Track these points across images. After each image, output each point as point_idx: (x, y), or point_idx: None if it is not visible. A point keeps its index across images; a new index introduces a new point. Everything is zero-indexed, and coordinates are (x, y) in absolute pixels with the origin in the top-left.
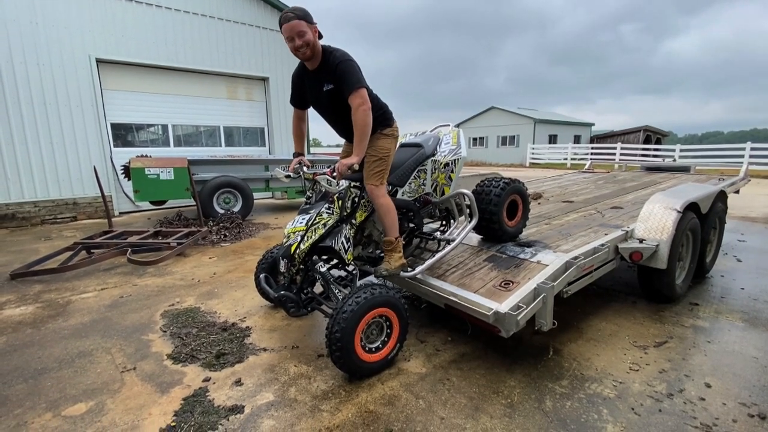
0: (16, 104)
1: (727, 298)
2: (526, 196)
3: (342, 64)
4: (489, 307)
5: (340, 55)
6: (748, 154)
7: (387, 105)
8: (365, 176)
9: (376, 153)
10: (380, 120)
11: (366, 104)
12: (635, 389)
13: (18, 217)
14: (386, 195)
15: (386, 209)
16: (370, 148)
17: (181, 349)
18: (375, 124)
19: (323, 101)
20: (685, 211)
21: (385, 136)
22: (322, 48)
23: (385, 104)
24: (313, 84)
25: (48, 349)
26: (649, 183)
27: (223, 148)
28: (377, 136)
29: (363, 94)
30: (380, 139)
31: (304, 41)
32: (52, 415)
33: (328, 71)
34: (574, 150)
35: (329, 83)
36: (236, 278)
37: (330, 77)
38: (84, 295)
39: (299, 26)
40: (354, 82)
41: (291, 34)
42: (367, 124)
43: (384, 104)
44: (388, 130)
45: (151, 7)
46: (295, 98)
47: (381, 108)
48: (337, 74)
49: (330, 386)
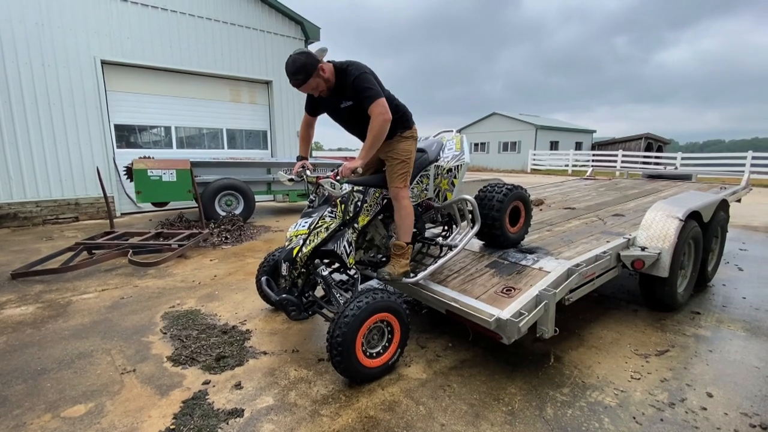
0: (21, 104)
1: (728, 307)
2: (529, 202)
3: (357, 80)
4: (491, 314)
5: (354, 70)
6: (750, 163)
7: (406, 106)
8: (389, 179)
9: (398, 156)
10: (399, 123)
11: (387, 114)
12: (637, 398)
13: (20, 216)
14: (409, 198)
15: (407, 212)
16: (392, 152)
17: (181, 352)
18: (394, 127)
19: (343, 116)
20: (688, 219)
21: (405, 138)
22: (333, 68)
23: (404, 106)
24: (330, 102)
25: (48, 349)
26: (651, 191)
27: (225, 150)
28: (397, 139)
29: (383, 104)
30: (401, 142)
31: (320, 90)
32: (51, 417)
33: (344, 89)
34: (576, 157)
35: (347, 100)
36: (237, 281)
37: (347, 94)
38: (85, 296)
39: (310, 86)
40: (372, 96)
41: (307, 93)
42: (382, 134)
43: (403, 106)
44: (407, 132)
45: (156, 10)
46: (309, 107)
47: (400, 110)
48: (355, 90)
49: (330, 391)
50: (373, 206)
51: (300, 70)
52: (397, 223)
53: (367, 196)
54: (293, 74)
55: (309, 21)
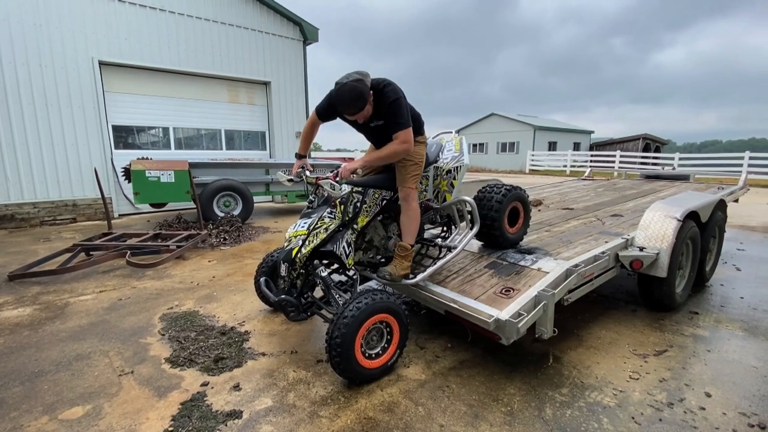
0: (18, 105)
1: (726, 307)
2: (528, 203)
3: (393, 104)
4: (489, 314)
5: (391, 93)
6: (747, 164)
7: (420, 114)
8: (402, 180)
9: (413, 158)
10: (416, 130)
11: (408, 144)
12: (635, 398)
13: (17, 218)
14: (417, 201)
15: (415, 214)
16: (408, 154)
17: (179, 353)
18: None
19: (369, 131)
20: (686, 219)
21: (419, 143)
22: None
23: (419, 114)
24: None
25: (45, 351)
26: (649, 191)
27: (224, 151)
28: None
29: (408, 134)
30: (416, 146)
31: (366, 116)
32: (48, 419)
33: (378, 110)
34: (574, 157)
35: (378, 120)
36: (235, 282)
37: (379, 115)
38: (82, 298)
39: (362, 115)
40: (402, 124)
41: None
42: (397, 157)
43: (418, 114)
44: (420, 137)
45: (154, 11)
46: (324, 113)
47: (419, 120)
48: (388, 114)
49: (329, 392)
50: (373, 207)
51: (359, 99)
52: (404, 224)
53: (367, 197)
54: (351, 103)
55: (307, 22)
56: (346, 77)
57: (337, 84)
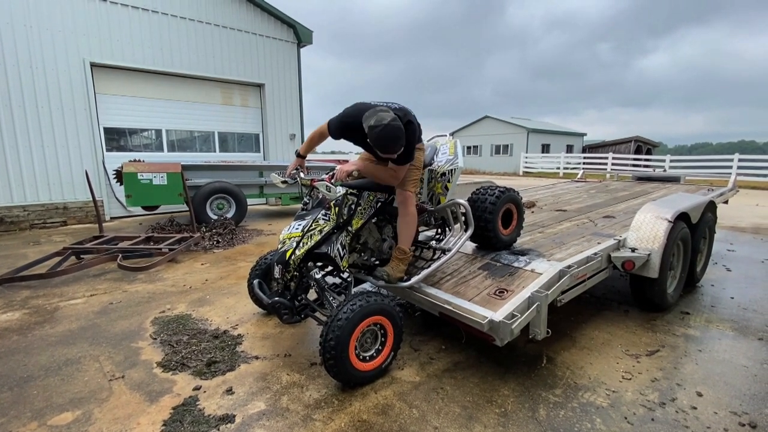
0: (8, 107)
1: (717, 307)
2: (521, 204)
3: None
4: (483, 316)
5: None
6: (737, 165)
7: (419, 124)
8: (401, 183)
9: (414, 163)
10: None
11: (398, 181)
12: (628, 398)
13: (6, 221)
14: (415, 205)
15: (413, 218)
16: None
17: (171, 357)
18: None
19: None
20: (676, 220)
21: (419, 149)
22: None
23: (418, 123)
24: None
25: (34, 356)
26: (641, 193)
27: (217, 153)
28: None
29: (402, 172)
30: (416, 151)
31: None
32: (37, 425)
33: None
34: (567, 159)
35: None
36: (228, 285)
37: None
38: (72, 302)
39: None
40: (403, 162)
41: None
42: (384, 183)
43: (418, 124)
44: (420, 144)
45: (147, 12)
46: (338, 132)
47: (418, 128)
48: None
49: (323, 395)
50: (367, 209)
51: (401, 138)
52: (401, 229)
53: (362, 199)
54: (393, 143)
55: (301, 24)
56: (376, 118)
57: (376, 126)
